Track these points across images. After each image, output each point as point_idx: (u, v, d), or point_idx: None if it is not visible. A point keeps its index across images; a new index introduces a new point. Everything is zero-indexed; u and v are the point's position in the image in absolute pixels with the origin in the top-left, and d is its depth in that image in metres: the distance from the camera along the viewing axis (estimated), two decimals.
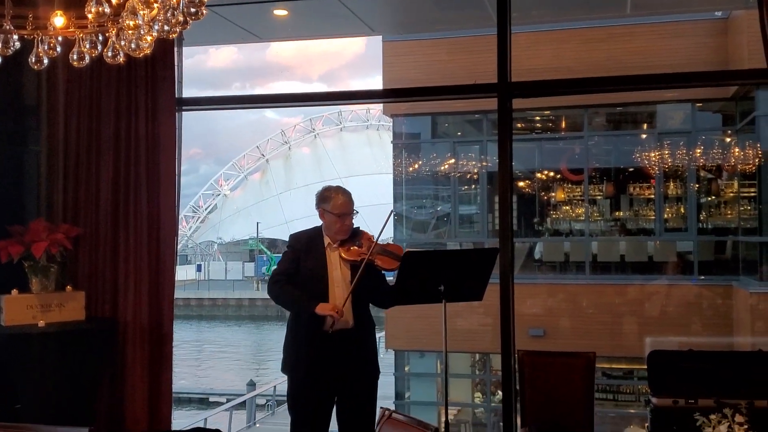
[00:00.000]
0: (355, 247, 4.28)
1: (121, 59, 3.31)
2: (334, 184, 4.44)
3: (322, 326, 4.19)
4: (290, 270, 4.32)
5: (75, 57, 3.34)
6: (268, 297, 4.49)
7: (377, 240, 4.27)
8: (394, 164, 15.30)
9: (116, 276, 5.32)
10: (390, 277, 4.45)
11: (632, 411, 13.42)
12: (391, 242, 4.40)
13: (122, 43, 3.20)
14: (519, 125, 14.64)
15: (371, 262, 4.19)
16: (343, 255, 4.28)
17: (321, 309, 4.15)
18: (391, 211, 4.42)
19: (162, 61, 5.34)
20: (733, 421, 2.22)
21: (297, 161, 48.36)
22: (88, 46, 3.28)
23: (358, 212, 4.36)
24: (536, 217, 15.10)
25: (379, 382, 4.51)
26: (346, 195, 4.33)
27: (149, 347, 5.27)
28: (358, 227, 4.38)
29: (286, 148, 49.33)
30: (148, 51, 3.23)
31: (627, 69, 9.97)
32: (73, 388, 4.93)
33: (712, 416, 2.25)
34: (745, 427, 2.24)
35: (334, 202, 4.29)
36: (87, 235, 5.33)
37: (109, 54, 3.30)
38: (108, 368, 5.26)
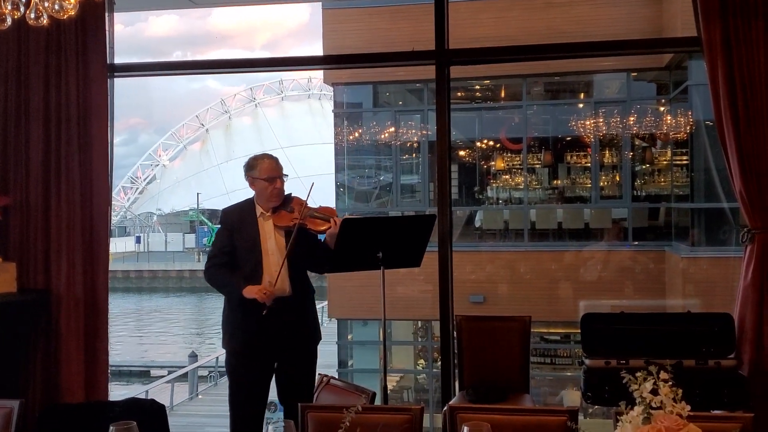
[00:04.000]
0: (288, 213, 4.26)
1: (44, 21, 3.19)
2: (260, 153, 4.40)
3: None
4: (225, 248, 4.26)
5: None
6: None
7: (307, 203, 4.26)
8: (335, 133, 15.21)
9: (48, 246, 5.20)
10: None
11: (569, 374, 13.75)
12: (323, 206, 4.38)
13: (45, 4, 3.10)
14: (459, 94, 14.67)
15: (303, 225, 4.19)
16: (275, 222, 4.27)
17: (248, 292, 4.11)
18: (312, 183, 4.41)
19: (93, 26, 5.20)
20: (657, 379, 2.27)
21: (237, 131, 47.65)
22: (9, 7, 3.16)
23: (288, 176, 4.33)
24: (477, 186, 15.21)
25: (322, 350, 4.52)
26: (272, 159, 4.31)
27: (84, 318, 5.19)
28: (290, 193, 4.36)
29: (227, 117, 48.56)
30: (72, 13, 3.12)
31: (566, 38, 10.07)
32: (5, 361, 4.83)
33: (638, 374, 2.30)
34: (670, 384, 2.29)
35: (261, 166, 4.26)
36: (17, 204, 5.20)
37: (32, 16, 3.18)
38: (42, 340, 5.16)
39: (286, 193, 4.33)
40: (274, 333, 4.21)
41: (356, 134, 14.99)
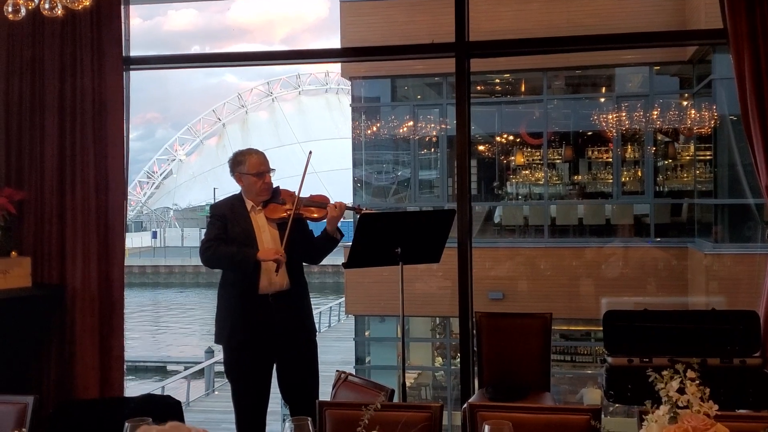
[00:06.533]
0: (279, 205, 4.23)
1: (59, 12, 3.15)
2: (244, 148, 4.35)
3: (257, 290, 4.13)
4: (221, 235, 4.20)
5: (10, 9, 3.17)
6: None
7: (299, 193, 4.21)
8: (352, 128, 15.13)
9: (63, 241, 5.16)
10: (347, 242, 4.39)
11: (589, 372, 13.64)
12: (314, 194, 4.33)
13: None
14: (479, 88, 14.56)
15: (300, 215, 4.17)
16: (268, 215, 4.23)
17: (264, 254, 4.07)
18: (310, 152, 4.36)
19: (108, 17, 5.15)
20: (685, 377, 2.20)
21: (254, 125, 47.63)
22: None
23: (275, 170, 4.28)
24: (496, 181, 15.10)
25: (339, 346, 4.48)
26: (259, 154, 4.28)
27: (99, 314, 5.15)
28: (278, 186, 4.31)
29: (243, 112, 48.56)
30: (87, 3, 3.09)
31: (587, 31, 9.91)
32: (19, 356, 4.81)
33: (665, 372, 2.23)
34: (697, 382, 2.22)
35: (250, 162, 4.23)
36: (32, 199, 5.16)
37: (47, 6, 3.14)
38: (56, 335, 5.13)
39: (273, 186, 4.30)
40: (275, 327, 4.17)
41: (374, 129, 14.89)
